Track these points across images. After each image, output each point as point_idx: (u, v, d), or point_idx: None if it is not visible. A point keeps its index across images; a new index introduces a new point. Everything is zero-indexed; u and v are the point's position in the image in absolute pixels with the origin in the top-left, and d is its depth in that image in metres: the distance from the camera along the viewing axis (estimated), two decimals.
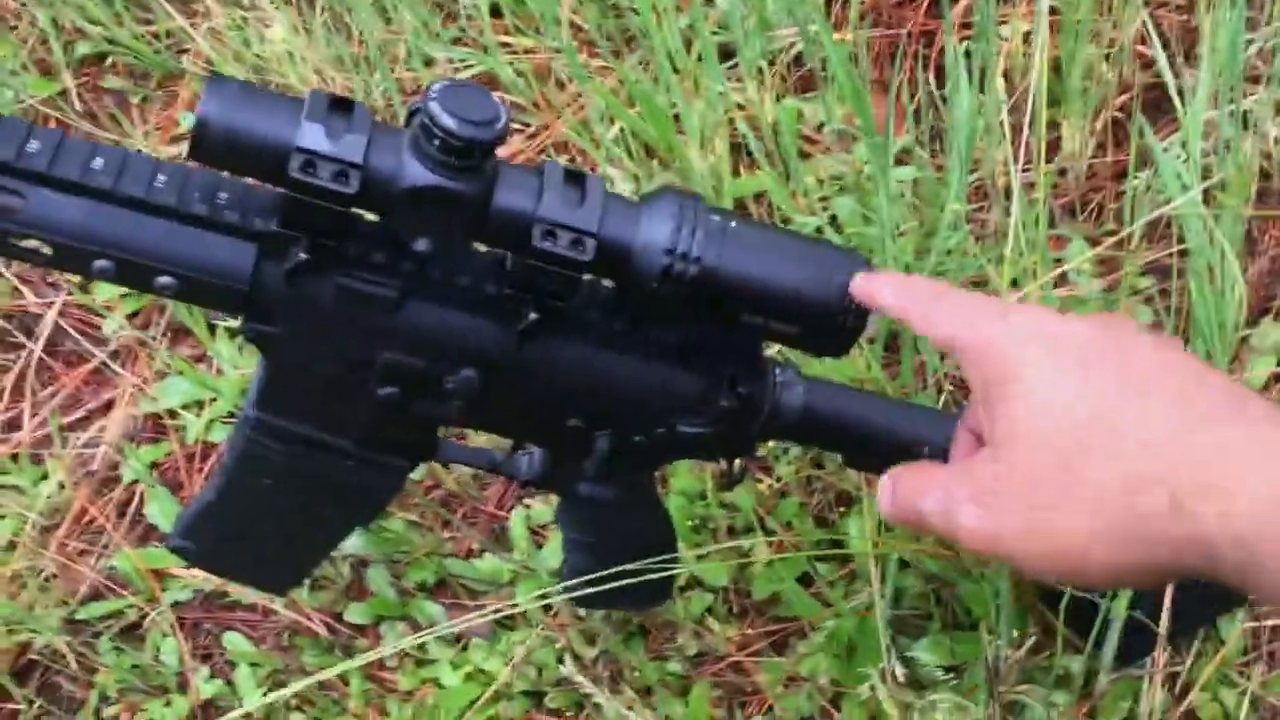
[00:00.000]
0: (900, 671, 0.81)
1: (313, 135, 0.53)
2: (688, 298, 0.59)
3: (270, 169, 0.54)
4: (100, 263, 0.57)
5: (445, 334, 0.62)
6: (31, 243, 0.56)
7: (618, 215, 0.58)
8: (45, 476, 1.10)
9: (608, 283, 0.63)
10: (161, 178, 0.57)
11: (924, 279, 0.57)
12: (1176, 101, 0.88)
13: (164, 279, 0.58)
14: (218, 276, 0.58)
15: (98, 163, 0.56)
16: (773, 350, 0.79)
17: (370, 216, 0.58)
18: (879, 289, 0.58)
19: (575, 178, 0.58)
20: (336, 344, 0.61)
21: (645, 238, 0.58)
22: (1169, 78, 0.87)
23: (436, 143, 0.54)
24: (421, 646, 0.96)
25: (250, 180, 0.58)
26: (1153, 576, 0.45)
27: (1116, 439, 0.44)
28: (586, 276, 0.59)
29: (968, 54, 0.95)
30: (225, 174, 0.60)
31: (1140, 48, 1.06)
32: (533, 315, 0.60)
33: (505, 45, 1.21)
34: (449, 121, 0.53)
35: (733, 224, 0.59)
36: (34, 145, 0.55)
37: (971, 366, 0.51)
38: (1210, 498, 0.42)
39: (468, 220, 0.56)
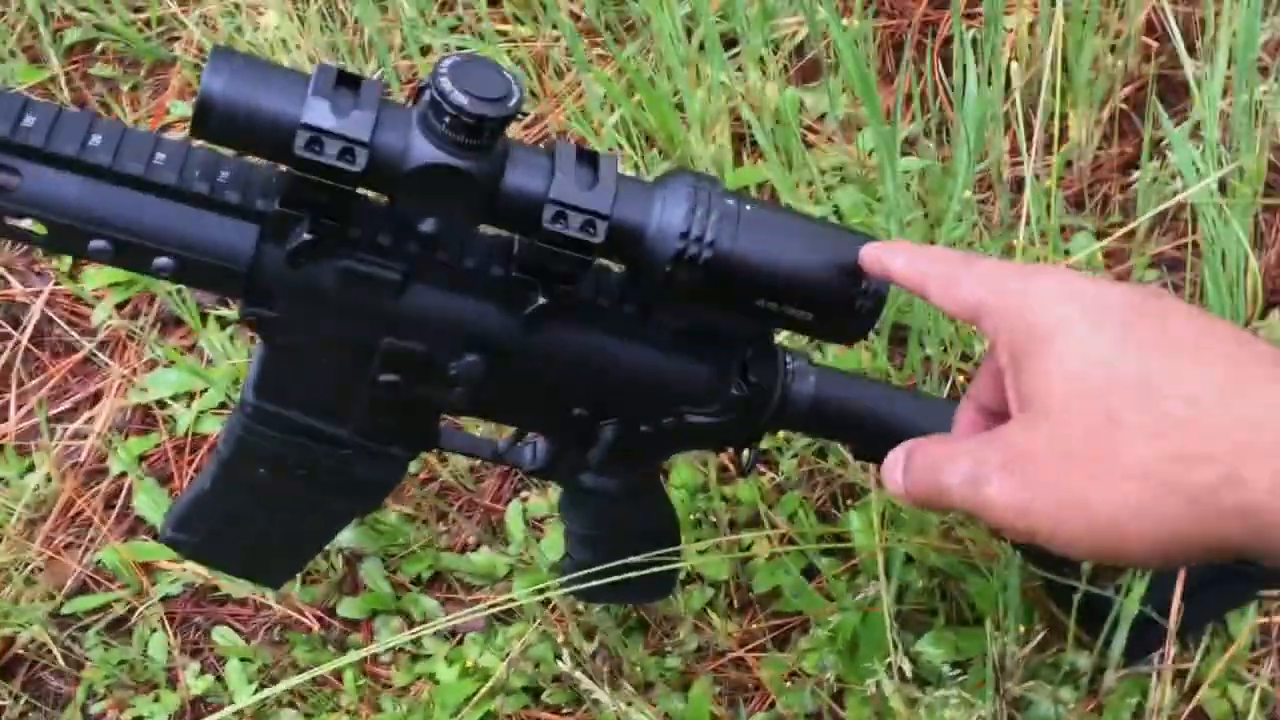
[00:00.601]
0: (906, 667, 0.80)
1: (319, 111, 0.51)
2: (701, 283, 0.57)
3: (275, 146, 0.52)
4: (97, 243, 0.55)
5: (450, 318, 0.60)
6: (26, 222, 0.55)
7: (631, 197, 0.57)
8: (32, 468, 1.08)
9: (617, 267, 0.61)
10: (161, 155, 0.55)
11: (944, 248, 0.54)
12: (1194, 88, 0.87)
13: (162, 260, 0.56)
14: (217, 258, 0.56)
15: (95, 139, 0.54)
16: (781, 337, 0.78)
17: (376, 196, 0.57)
18: (891, 256, 0.55)
19: (588, 158, 0.56)
20: (337, 328, 0.60)
21: (659, 220, 0.57)
22: (1187, 64, 0.86)
23: (446, 120, 0.52)
24: (416, 641, 0.95)
25: (252, 159, 0.56)
26: (1194, 553, 0.42)
27: (1160, 403, 0.41)
28: (596, 261, 0.58)
29: (974, 42, 0.94)
30: (227, 152, 0.58)
31: (1146, 39, 1.05)
32: (540, 300, 0.59)
33: (503, 33, 1.19)
34: (460, 98, 0.51)
35: (748, 207, 0.58)
36: (30, 120, 0.53)
37: (1000, 330, 0.47)
38: (1264, 464, 0.39)
39: (477, 201, 0.55)
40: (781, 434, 0.94)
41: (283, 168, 0.54)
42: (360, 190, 0.55)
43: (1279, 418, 0.40)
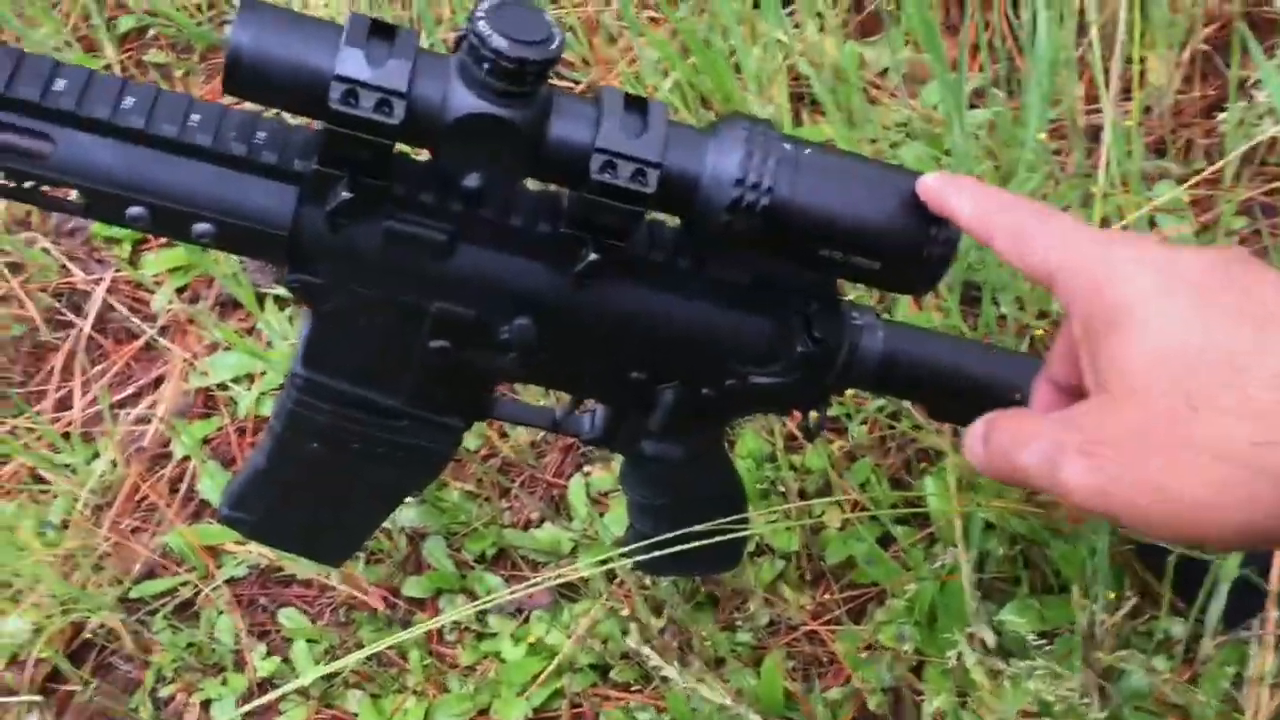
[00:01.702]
0: (988, 638, 0.76)
1: (353, 62, 0.49)
2: (759, 232, 0.54)
3: (308, 100, 0.50)
4: (134, 209, 0.54)
5: (499, 279, 0.58)
6: (72, 193, 0.53)
7: (683, 144, 0.54)
8: (97, 455, 1.08)
9: (672, 220, 0.58)
10: (196, 116, 0.53)
11: (1016, 195, 0.50)
12: None
13: (201, 225, 0.54)
14: (257, 221, 0.55)
15: (128, 101, 0.52)
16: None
17: (418, 154, 0.55)
18: (955, 194, 0.51)
19: (636, 104, 0.54)
20: (384, 292, 0.58)
21: (713, 167, 0.54)
22: None
23: (486, 66, 0.50)
24: (482, 620, 0.93)
25: (290, 118, 0.55)
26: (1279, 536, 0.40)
27: (1243, 382, 0.39)
28: (649, 213, 0.55)
29: None
30: (263, 111, 0.56)
31: None
32: (591, 256, 0.56)
33: (553, 1, 1.17)
34: (499, 42, 0.49)
35: (806, 151, 0.55)
36: (60, 84, 0.52)
37: (1074, 299, 0.45)
38: None
39: (521, 152, 0.52)
40: (850, 397, 0.90)
41: (319, 124, 0.52)
42: (401, 146, 0.53)
43: None
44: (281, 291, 1.10)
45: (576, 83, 1.14)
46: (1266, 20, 1.00)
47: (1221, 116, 0.94)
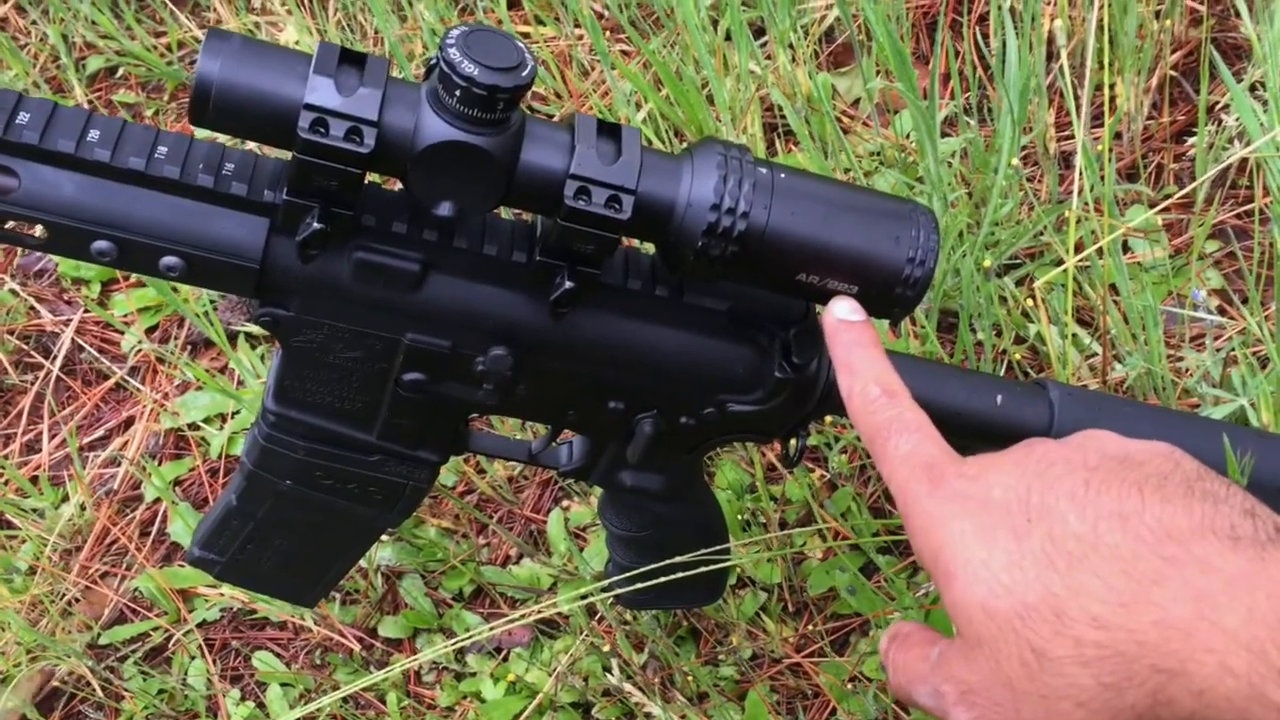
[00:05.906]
0: None
1: (323, 90, 0.49)
2: (735, 257, 0.54)
3: (277, 130, 0.49)
4: (100, 244, 0.52)
5: (473, 310, 0.57)
6: (37, 229, 0.52)
7: (657, 169, 0.53)
8: (65, 498, 1.06)
9: (648, 248, 0.58)
10: (163, 148, 0.52)
11: (885, 391, 0.53)
12: (1255, 41, 0.82)
13: (169, 259, 0.53)
14: (227, 254, 0.54)
15: (93, 134, 0.51)
16: None
17: (391, 184, 0.54)
18: (842, 366, 0.54)
19: (610, 130, 0.53)
20: (356, 325, 0.57)
21: (688, 193, 0.53)
22: (1246, 20, 0.82)
23: (457, 93, 0.49)
24: (460, 659, 0.91)
25: (258, 148, 0.54)
26: None
27: (1071, 629, 0.42)
28: (624, 241, 0.55)
29: (1013, 13, 0.90)
30: (231, 142, 0.56)
31: (1191, 3, 1.01)
32: (567, 284, 0.55)
33: (524, 35, 1.17)
34: (470, 69, 0.48)
35: (781, 175, 0.54)
36: (24, 116, 0.51)
37: (911, 534, 0.48)
38: (1179, 683, 0.40)
39: (494, 180, 0.52)
40: (829, 424, 0.90)
41: (289, 155, 0.51)
42: (372, 176, 0.52)
43: (1177, 633, 0.40)
44: (253, 329, 1.09)
45: (550, 116, 1.14)
46: (1232, 45, 1.02)
47: (1191, 141, 0.95)
